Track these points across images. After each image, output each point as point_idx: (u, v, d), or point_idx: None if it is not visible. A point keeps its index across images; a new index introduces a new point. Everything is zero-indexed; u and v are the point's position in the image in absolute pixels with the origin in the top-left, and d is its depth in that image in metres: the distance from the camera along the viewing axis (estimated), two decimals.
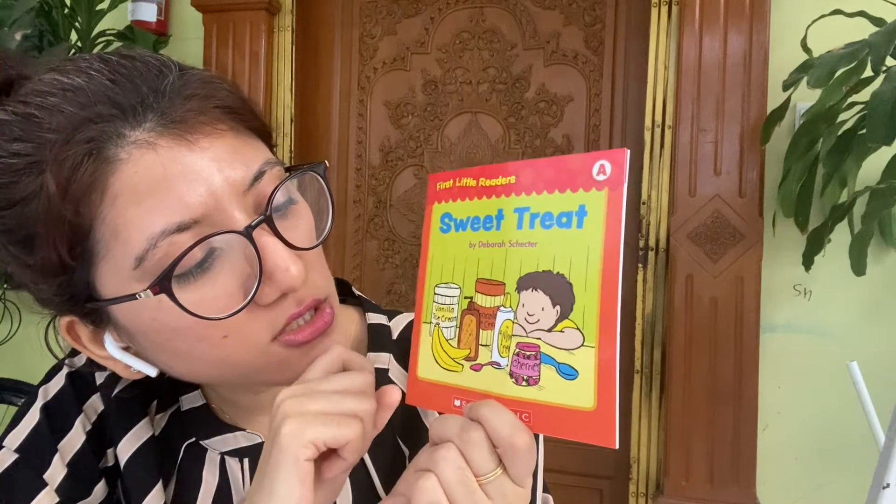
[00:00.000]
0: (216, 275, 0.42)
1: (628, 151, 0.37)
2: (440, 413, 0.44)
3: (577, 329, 0.37)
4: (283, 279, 0.42)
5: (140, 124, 0.40)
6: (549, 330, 0.38)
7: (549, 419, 0.38)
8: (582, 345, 0.37)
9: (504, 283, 0.41)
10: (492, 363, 0.41)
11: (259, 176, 0.43)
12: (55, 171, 0.39)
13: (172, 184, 0.40)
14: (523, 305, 0.39)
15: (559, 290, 0.38)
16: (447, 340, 0.43)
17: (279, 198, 0.44)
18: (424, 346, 0.45)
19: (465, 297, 0.43)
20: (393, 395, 0.43)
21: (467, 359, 0.42)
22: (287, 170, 0.47)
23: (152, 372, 0.47)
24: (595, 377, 0.37)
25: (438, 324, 0.44)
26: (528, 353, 0.39)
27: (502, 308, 0.40)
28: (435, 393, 0.43)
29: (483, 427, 0.38)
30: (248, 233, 0.41)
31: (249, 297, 0.41)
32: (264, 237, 0.42)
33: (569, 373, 0.37)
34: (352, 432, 0.39)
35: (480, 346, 0.41)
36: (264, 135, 0.48)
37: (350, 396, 0.41)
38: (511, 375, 0.39)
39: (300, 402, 0.40)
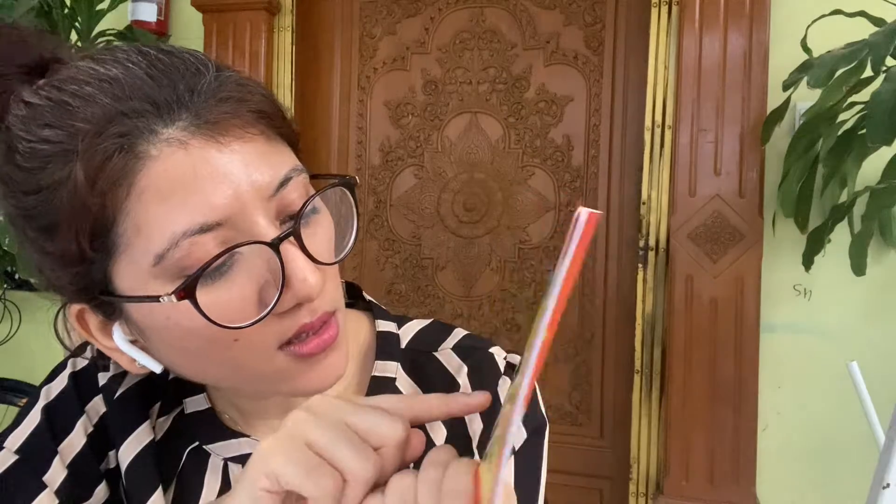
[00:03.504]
0: (233, 279, 0.42)
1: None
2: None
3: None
4: (300, 289, 0.41)
5: (173, 122, 0.40)
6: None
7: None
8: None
9: None
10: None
11: (285, 182, 0.43)
12: (85, 162, 0.39)
13: (199, 184, 0.40)
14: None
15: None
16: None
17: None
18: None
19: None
20: (416, 448, 0.37)
21: None
22: (313, 176, 0.47)
23: (157, 368, 0.47)
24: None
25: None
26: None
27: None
28: None
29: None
30: (275, 245, 0.41)
31: (270, 308, 0.41)
32: (288, 246, 0.42)
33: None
34: (319, 490, 0.34)
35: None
36: (292, 140, 0.48)
37: (356, 446, 0.35)
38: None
39: (305, 421, 0.36)
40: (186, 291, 0.40)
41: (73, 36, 1.77)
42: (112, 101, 0.40)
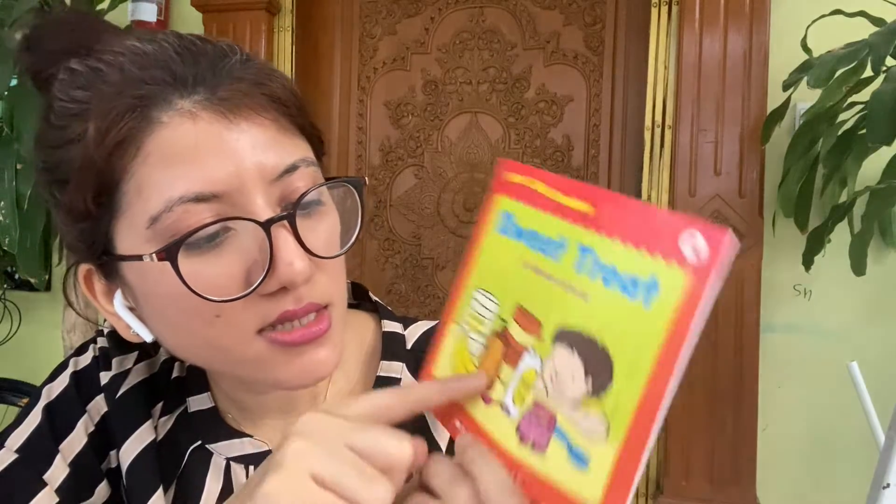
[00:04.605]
0: (223, 253, 0.42)
1: (732, 234, 0.30)
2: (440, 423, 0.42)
3: (605, 417, 0.32)
4: (284, 272, 0.41)
5: (189, 95, 0.42)
6: (573, 404, 0.33)
7: (543, 492, 0.34)
8: (605, 436, 0.31)
9: (541, 324, 0.36)
10: (502, 404, 0.37)
11: (291, 169, 0.43)
12: (98, 118, 0.41)
13: (202, 155, 0.41)
14: (553, 361, 0.35)
15: (598, 362, 0.32)
16: (470, 354, 0.40)
17: (311, 197, 0.44)
18: (447, 346, 0.41)
19: (501, 319, 0.38)
20: (419, 456, 0.36)
21: None
22: (327, 178, 0.47)
23: (148, 337, 0.47)
24: (609, 476, 0.31)
25: (467, 332, 0.40)
26: (541, 416, 0.35)
27: (530, 350, 0.36)
28: (441, 405, 0.40)
29: (474, 480, 0.35)
30: (267, 226, 0.41)
31: (252, 287, 0.41)
32: (280, 230, 0.42)
33: (580, 458, 0.32)
34: None
35: (497, 379, 0.37)
36: (313, 138, 0.48)
37: (366, 475, 0.33)
38: (518, 429, 0.36)
39: (307, 452, 0.33)
40: (168, 253, 0.40)
41: None
42: (136, 69, 0.42)
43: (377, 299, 0.61)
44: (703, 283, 0.29)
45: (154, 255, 0.41)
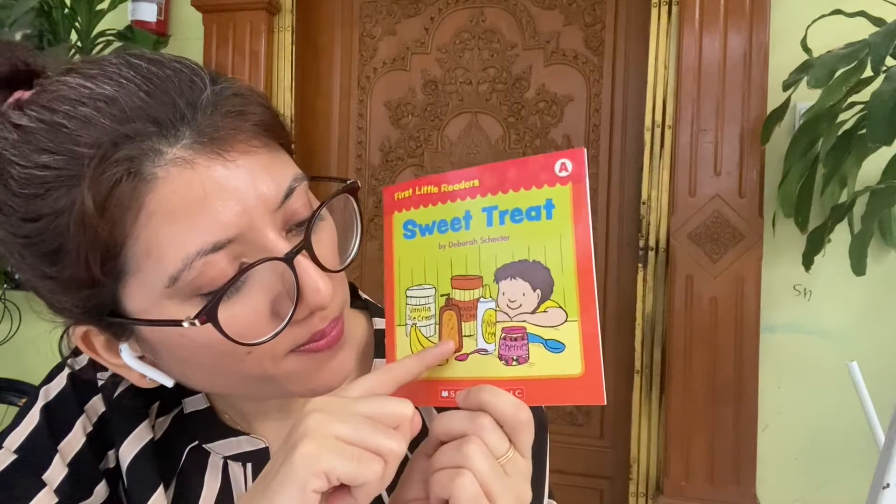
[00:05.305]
0: (247, 293, 0.42)
1: (585, 150, 0.42)
2: (429, 407, 0.46)
3: (560, 307, 0.42)
4: (314, 299, 0.42)
5: (177, 140, 0.39)
6: (533, 312, 0.42)
7: (542, 391, 0.42)
8: (566, 320, 0.41)
9: (481, 277, 0.44)
10: (478, 351, 0.44)
11: (289, 193, 0.43)
12: (93, 189, 0.38)
13: (209, 203, 0.39)
14: (504, 294, 0.43)
15: (537, 275, 0.42)
16: (427, 338, 0.46)
17: (308, 213, 0.44)
18: (402, 347, 0.47)
19: (442, 295, 0.46)
20: (416, 423, 0.41)
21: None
22: (312, 178, 0.47)
23: (169, 382, 0.47)
24: (581, 346, 0.41)
25: (415, 324, 0.47)
26: (514, 336, 0.43)
27: (482, 299, 0.44)
28: (420, 389, 0.45)
29: (488, 412, 0.40)
30: (289, 259, 0.41)
31: (286, 321, 0.41)
32: (300, 258, 0.42)
33: (556, 347, 0.41)
34: (371, 474, 0.36)
35: (464, 338, 0.45)
36: (289, 146, 0.48)
37: (382, 429, 0.38)
38: (500, 358, 0.43)
39: (326, 420, 0.37)
40: (209, 315, 0.40)
41: (74, 36, 1.77)
42: (112, 122, 0.38)
43: (367, 297, 0.61)
44: (581, 184, 0.41)
45: (197, 321, 0.40)
